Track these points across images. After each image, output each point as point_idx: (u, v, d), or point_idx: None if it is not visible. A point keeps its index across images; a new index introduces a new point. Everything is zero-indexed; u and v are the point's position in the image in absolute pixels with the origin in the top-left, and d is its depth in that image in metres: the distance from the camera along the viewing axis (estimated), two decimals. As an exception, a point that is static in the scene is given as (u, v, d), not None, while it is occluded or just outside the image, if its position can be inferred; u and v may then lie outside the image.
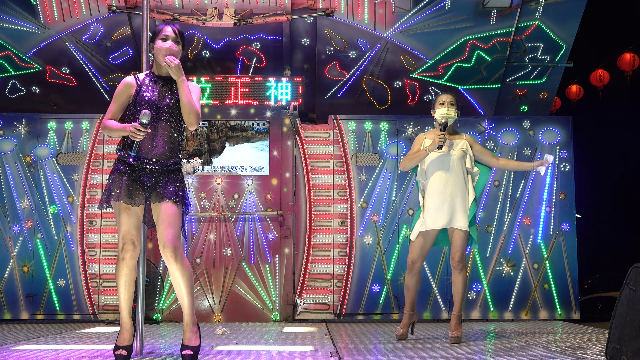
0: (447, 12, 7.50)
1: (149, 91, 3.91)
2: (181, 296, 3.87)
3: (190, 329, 3.87)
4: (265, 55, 7.99)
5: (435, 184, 4.99)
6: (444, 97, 5.07)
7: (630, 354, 3.30)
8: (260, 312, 7.16)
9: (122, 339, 3.85)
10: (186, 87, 3.85)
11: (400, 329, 5.07)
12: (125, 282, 3.84)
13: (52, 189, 7.25)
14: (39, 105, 7.88)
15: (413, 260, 5.02)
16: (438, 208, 4.95)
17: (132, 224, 3.85)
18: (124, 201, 3.81)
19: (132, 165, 3.86)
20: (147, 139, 3.84)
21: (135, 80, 3.96)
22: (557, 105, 12.88)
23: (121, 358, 3.80)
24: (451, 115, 5.01)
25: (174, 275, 3.85)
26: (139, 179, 3.85)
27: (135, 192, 3.83)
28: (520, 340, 5.11)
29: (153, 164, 3.86)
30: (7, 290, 7.15)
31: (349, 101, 8.01)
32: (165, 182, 3.87)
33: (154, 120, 3.85)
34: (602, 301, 10.75)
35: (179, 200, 3.87)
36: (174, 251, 3.79)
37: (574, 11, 7.62)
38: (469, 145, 5.10)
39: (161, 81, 3.96)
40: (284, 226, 7.25)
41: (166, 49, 3.90)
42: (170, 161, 3.90)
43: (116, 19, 7.55)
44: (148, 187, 3.86)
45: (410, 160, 5.07)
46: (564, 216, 7.35)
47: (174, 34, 3.94)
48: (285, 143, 7.40)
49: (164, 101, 3.90)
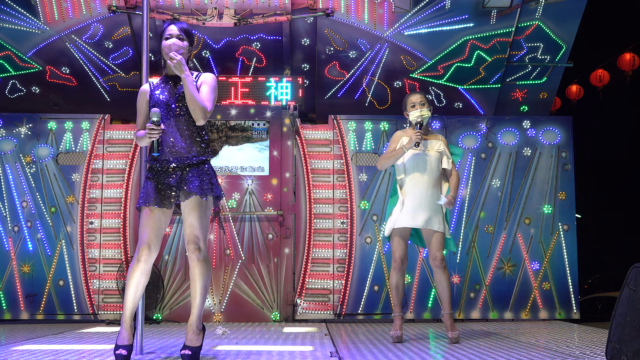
0: (447, 12, 7.50)
1: (161, 92, 3.96)
2: (194, 294, 3.86)
3: (194, 329, 3.86)
4: (265, 55, 7.99)
5: (413, 183, 5.01)
6: (413, 99, 5.08)
7: (630, 354, 3.30)
8: (260, 312, 7.16)
9: (122, 338, 3.84)
10: (190, 83, 3.84)
11: (398, 331, 5.01)
12: (134, 283, 3.84)
13: (52, 189, 7.25)
14: (39, 105, 7.88)
15: (401, 257, 5.01)
16: (416, 207, 4.95)
17: (151, 228, 3.86)
18: (153, 204, 3.84)
19: (156, 170, 3.91)
20: (165, 139, 3.89)
21: (150, 86, 4.04)
22: (557, 105, 12.88)
23: (121, 358, 3.79)
24: (425, 115, 5.03)
25: (192, 272, 3.86)
26: (165, 181, 3.88)
27: (163, 194, 3.86)
28: (520, 340, 5.11)
29: (174, 162, 3.88)
30: (7, 290, 7.15)
31: (349, 101, 8.01)
32: (190, 177, 3.87)
33: (168, 118, 3.89)
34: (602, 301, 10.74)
35: (206, 193, 3.87)
36: (196, 250, 3.82)
37: (573, 11, 7.62)
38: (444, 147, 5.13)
39: (172, 80, 4.00)
40: (284, 226, 7.25)
41: (168, 46, 3.93)
42: (191, 155, 3.90)
43: (116, 19, 7.55)
44: (174, 187, 3.87)
45: (388, 159, 5.10)
46: (564, 216, 7.35)
47: (177, 31, 3.97)
48: (285, 143, 7.40)
49: (175, 98, 3.94)
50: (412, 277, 7.13)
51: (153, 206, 3.85)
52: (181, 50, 3.95)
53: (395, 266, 5.03)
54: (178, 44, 3.94)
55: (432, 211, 4.96)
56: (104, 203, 7.23)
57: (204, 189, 3.86)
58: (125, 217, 7.20)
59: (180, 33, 3.97)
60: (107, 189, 7.25)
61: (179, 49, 3.93)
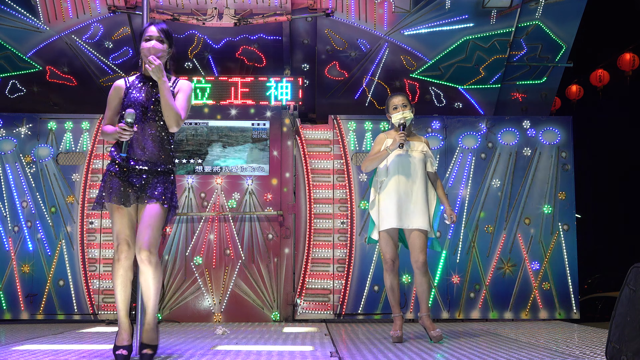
0: (447, 12, 7.49)
1: (136, 92, 3.94)
2: (147, 297, 3.89)
3: (151, 328, 3.92)
4: (265, 55, 7.99)
5: (397, 184, 4.99)
6: (395, 101, 5.09)
7: (630, 354, 3.30)
8: (260, 312, 7.16)
9: (121, 339, 3.87)
10: (166, 89, 3.85)
11: (398, 331, 5.00)
12: (121, 282, 3.88)
13: (52, 189, 7.25)
14: (39, 105, 7.87)
15: (392, 258, 5.00)
16: (398, 208, 4.95)
17: (125, 224, 3.88)
18: (114, 202, 3.83)
19: (122, 166, 3.87)
20: (136, 140, 3.86)
21: (125, 83, 4.01)
22: (557, 105, 12.88)
23: (122, 358, 3.81)
24: (407, 117, 5.03)
25: (144, 277, 3.87)
26: (128, 179, 3.87)
27: (126, 193, 3.85)
28: (520, 340, 5.12)
29: (142, 165, 3.88)
30: (7, 290, 7.15)
31: (349, 101, 8.01)
32: (154, 183, 3.89)
33: (142, 121, 3.87)
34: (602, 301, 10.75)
35: (166, 202, 3.88)
36: (148, 255, 3.82)
37: (573, 11, 7.62)
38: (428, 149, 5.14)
39: (149, 82, 3.99)
40: (284, 226, 7.25)
41: (147, 48, 3.92)
42: (160, 162, 3.91)
43: (116, 19, 7.55)
44: (137, 188, 3.87)
45: (372, 161, 5.09)
46: (564, 216, 7.35)
47: (157, 33, 3.94)
48: (285, 143, 7.40)
49: (151, 101, 3.92)
50: (411, 277, 7.13)
51: (119, 204, 3.84)
52: (160, 53, 3.93)
53: (387, 267, 5.03)
54: (157, 47, 3.92)
55: (417, 212, 4.96)
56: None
57: (166, 197, 3.88)
58: (125, 217, 7.18)
59: (160, 35, 3.95)
60: (107, 189, 7.23)
61: (157, 52, 3.91)
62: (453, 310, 7.20)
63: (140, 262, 3.84)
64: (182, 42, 7.85)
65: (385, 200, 5.02)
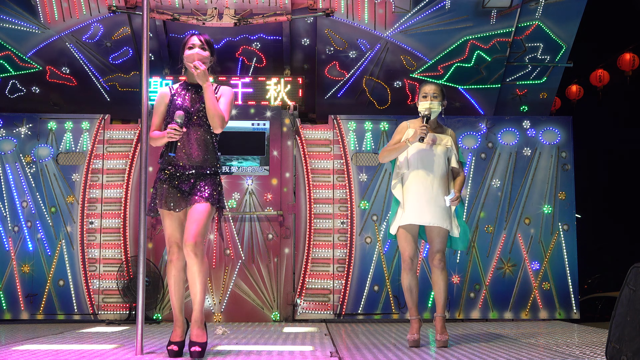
0: (447, 12, 7.49)
1: (180, 98, 4.13)
2: (194, 292, 4.03)
3: (199, 326, 4.02)
4: (265, 55, 7.99)
5: (417, 179, 4.72)
6: (427, 89, 4.76)
7: (630, 354, 3.30)
8: (260, 312, 7.16)
9: (175, 334, 4.06)
10: (210, 92, 4.03)
11: (415, 335, 4.72)
12: (174, 282, 4.12)
13: (52, 189, 7.25)
14: (39, 105, 7.88)
15: (410, 256, 4.72)
16: (420, 203, 4.69)
17: (176, 227, 4.08)
18: (165, 208, 4.05)
19: (171, 173, 4.08)
20: (182, 146, 4.05)
21: (169, 90, 4.21)
22: (557, 105, 12.87)
23: (172, 353, 3.98)
24: (434, 109, 4.71)
25: (191, 271, 4.01)
26: (178, 186, 4.06)
27: (176, 198, 4.04)
28: (520, 340, 5.11)
29: (189, 169, 4.06)
30: (7, 290, 7.15)
31: (349, 101, 8.01)
32: (202, 186, 4.07)
33: (187, 126, 4.06)
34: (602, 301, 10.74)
35: (214, 202, 4.06)
36: (194, 247, 3.96)
37: (573, 11, 7.62)
38: (453, 143, 4.84)
39: (193, 88, 4.18)
40: (284, 226, 7.25)
41: (191, 55, 4.11)
42: (206, 165, 4.09)
43: (116, 19, 7.55)
44: (187, 192, 4.06)
45: (390, 152, 4.78)
46: (564, 216, 7.35)
47: (199, 42, 4.16)
48: (285, 143, 7.40)
49: (195, 107, 4.10)
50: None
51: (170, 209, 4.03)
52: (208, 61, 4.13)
53: (405, 266, 4.74)
54: (201, 54, 4.12)
55: (438, 208, 4.68)
56: (104, 203, 7.23)
57: (214, 199, 4.06)
58: (125, 217, 7.20)
59: (203, 44, 4.15)
60: (107, 189, 7.25)
61: (202, 58, 4.10)
62: (453, 310, 7.20)
63: (187, 255, 4.00)
64: (182, 42, 7.83)
65: (406, 195, 4.74)
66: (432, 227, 4.76)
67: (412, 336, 4.71)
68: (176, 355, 3.99)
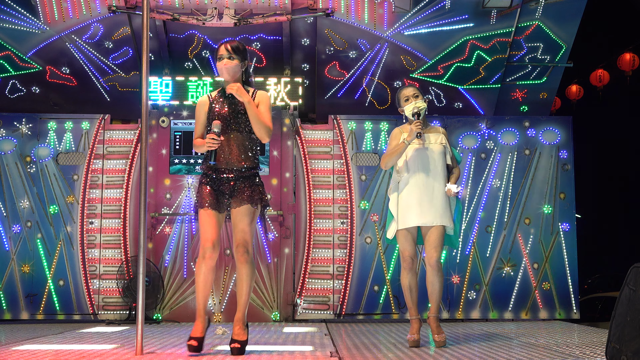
0: (447, 12, 7.50)
1: (219, 106, 4.27)
2: (240, 294, 4.22)
3: (240, 325, 4.20)
4: (265, 55, 7.99)
5: (415, 180, 4.74)
6: (406, 92, 4.85)
7: (630, 354, 3.30)
8: (260, 312, 7.16)
9: (196, 330, 4.14)
10: (252, 107, 4.18)
11: (415, 335, 4.71)
12: (202, 279, 4.19)
13: (52, 189, 7.25)
14: (39, 105, 7.88)
15: (411, 256, 4.73)
16: (419, 205, 4.70)
17: (213, 226, 4.21)
18: (211, 208, 4.19)
19: (212, 177, 4.23)
20: (222, 150, 4.20)
21: (208, 98, 4.35)
22: (557, 105, 12.87)
23: (192, 348, 4.07)
24: (421, 106, 4.76)
25: (240, 274, 4.23)
26: (218, 188, 4.23)
27: (218, 200, 4.22)
28: (520, 340, 5.11)
29: (229, 173, 4.21)
30: (7, 290, 7.15)
31: (349, 101, 8.01)
32: (242, 188, 4.22)
33: (226, 132, 4.21)
34: (602, 301, 10.75)
35: (256, 202, 4.22)
36: (244, 253, 4.21)
37: (574, 11, 7.62)
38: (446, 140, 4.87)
39: (230, 95, 4.27)
40: (284, 226, 7.25)
41: (220, 69, 4.25)
42: (245, 167, 4.22)
43: (116, 19, 7.55)
44: (227, 195, 4.23)
45: (391, 155, 4.80)
46: (564, 216, 7.35)
47: (226, 51, 4.24)
48: (285, 143, 7.40)
49: (233, 113, 4.23)
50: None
51: (210, 209, 4.18)
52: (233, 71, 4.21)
53: (405, 266, 4.75)
54: (229, 66, 4.21)
55: (438, 208, 4.70)
56: (104, 203, 7.23)
57: (254, 199, 4.22)
58: (125, 217, 7.20)
59: (231, 52, 4.23)
60: (107, 189, 7.25)
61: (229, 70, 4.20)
62: (453, 310, 7.20)
63: (237, 260, 4.23)
64: (182, 42, 7.85)
65: (406, 197, 4.76)
66: (430, 228, 4.75)
67: (412, 336, 4.71)
68: (195, 350, 4.07)
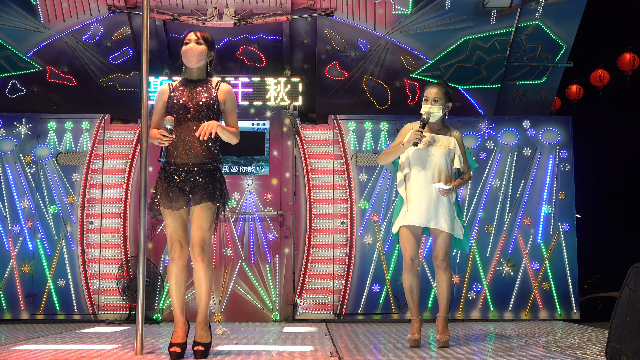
0: (447, 12, 7.49)
1: (180, 94, 4.09)
2: (199, 295, 4.06)
3: (202, 327, 4.04)
4: (265, 55, 7.99)
5: (417, 180, 4.72)
6: (428, 92, 4.77)
7: (630, 354, 3.31)
8: (260, 312, 7.16)
9: (177, 336, 4.02)
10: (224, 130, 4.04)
11: (415, 334, 4.70)
12: (175, 281, 4.05)
13: (52, 189, 7.25)
14: (39, 105, 7.87)
15: (412, 256, 4.72)
16: (422, 205, 4.68)
17: (178, 225, 4.05)
18: (165, 207, 4.01)
19: (170, 171, 4.05)
20: (181, 143, 4.02)
21: (169, 87, 4.18)
22: (557, 105, 12.87)
23: (175, 355, 3.95)
24: (433, 112, 4.72)
25: (197, 274, 4.03)
26: (178, 184, 4.03)
27: (175, 197, 4.01)
28: (520, 340, 5.12)
29: (189, 167, 4.03)
30: (7, 290, 7.15)
31: (349, 101, 8.01)
32: (202, 184, 4.02)
33: (186, 121, 4.03)
34: (602, 301, 10.74)
35: (215, 200, 4.03)
36: (200, 252, 3.99)
37: (573, 11, 7.62)
38: (457, 144, 4.81)
39: (191, 84, 4.14)
40: (284, 226, 7.25)
41: (185, 50, 4.11)
42: (205, 161, 4.05)
43: (116, 19, 7.55)
44: (187, 191, 4.02)
45: (388, 155, 4.83)
46: (564, 216, 7.35)
47: (195, 36, 4.13)
48: (285, 143, 7.40)
49: (194, 102, 4.06)
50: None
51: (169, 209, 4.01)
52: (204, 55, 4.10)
53: (406, 267, 4.74)
54: (195, 49, 4.09)
55: (439, 209, 4.68)
56: (104, 203, 7.23)
57: (215, 196, 4.02)
58: (125, 217, 7.20)
59: (199, 38, 4.12)
60: (107, 189, 7.25)
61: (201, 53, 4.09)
62: (453, 310, 7.19)
63: (193, 259, 4.02)
64: (182, 42, 7.83)
65: (409, 194, 4.73)
66: (434, 229, 4.76)
67: (413, 336, 4.71)
68: (178, 357, 3.96)
